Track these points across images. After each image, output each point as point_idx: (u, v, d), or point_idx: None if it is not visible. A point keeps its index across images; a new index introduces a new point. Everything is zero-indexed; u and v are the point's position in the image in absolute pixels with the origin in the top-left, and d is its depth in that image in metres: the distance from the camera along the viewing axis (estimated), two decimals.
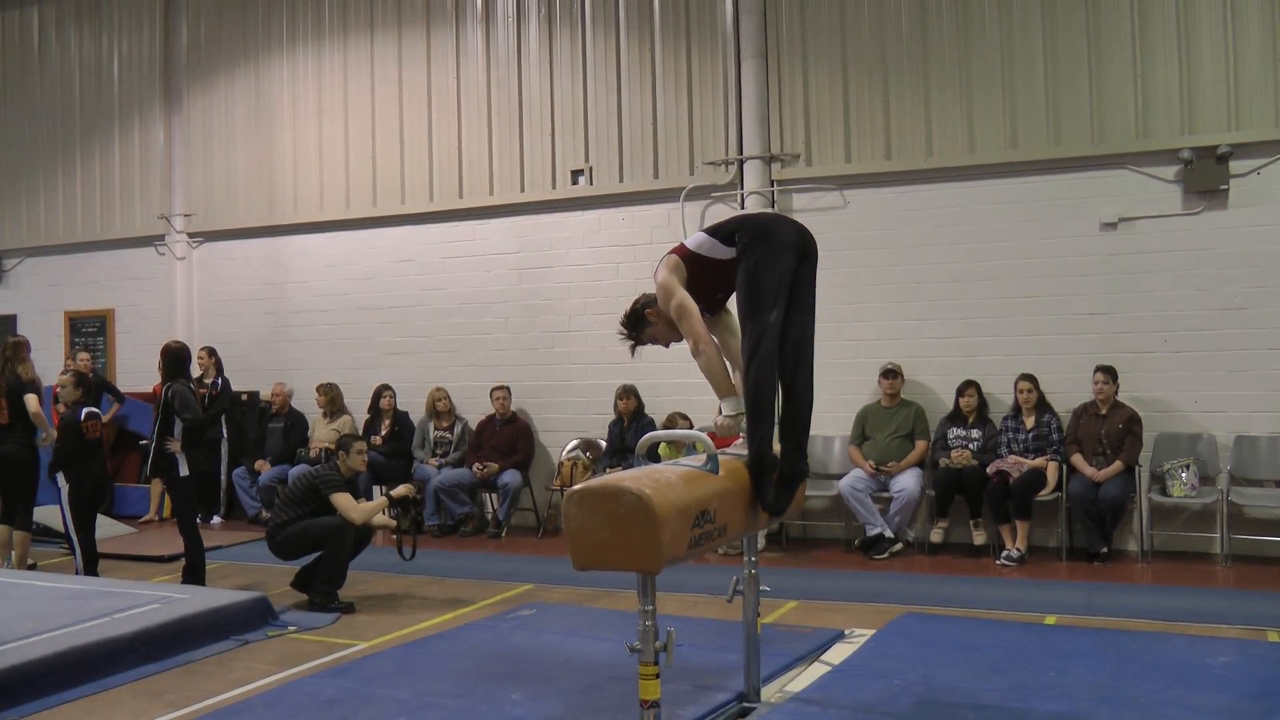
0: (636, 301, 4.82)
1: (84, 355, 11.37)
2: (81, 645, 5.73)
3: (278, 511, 7.63)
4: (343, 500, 7.41)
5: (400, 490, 7.62)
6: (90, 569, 8.07)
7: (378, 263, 11.59)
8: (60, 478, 8.03)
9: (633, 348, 4.89)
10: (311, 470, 7.86)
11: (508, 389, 10.51)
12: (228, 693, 5.46)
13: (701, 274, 4.51)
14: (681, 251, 4.57)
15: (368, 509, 7.55)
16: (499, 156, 10.97)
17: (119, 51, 13.01)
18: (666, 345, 4.89)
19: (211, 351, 11.18)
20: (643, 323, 4.74)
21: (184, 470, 7.75)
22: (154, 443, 7.75)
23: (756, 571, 4.96)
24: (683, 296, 4.43)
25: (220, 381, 11.13)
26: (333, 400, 11.18)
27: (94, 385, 8.85)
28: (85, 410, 8.14)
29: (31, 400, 8.42)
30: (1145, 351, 8.66)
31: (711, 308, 4.65)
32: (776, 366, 4.32)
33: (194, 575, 7.77)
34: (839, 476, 9.20)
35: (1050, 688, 5.15)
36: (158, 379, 8.79)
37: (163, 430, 7.71)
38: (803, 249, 4.44)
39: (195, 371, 10.21)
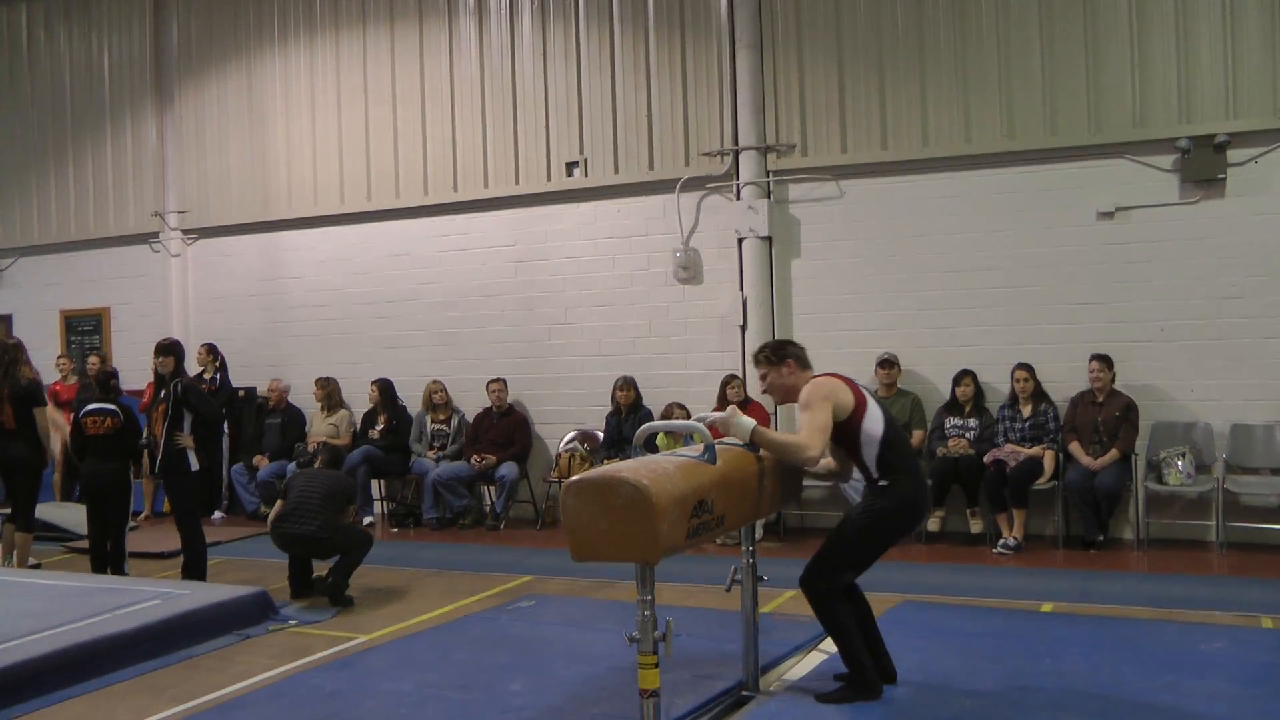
0: (787, 345, 4.94)
1: (94, 359, 11.27)
2: (84, 642, 5.75)
3: (320, 511, 7.20)
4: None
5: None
6: (116, 568, 8.01)
7: (373, 257, 11.57)
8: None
9: (763, 376, 4.95)
10: (344, 479, 7.83)
11: (504, 381, 10.52)
12: (230, 687, 5.48)
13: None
14: (857, 393, 4.77)
15: None
16: (493, 149, 10.95)
17: (109, 48, 12.96)
18: (778, 401, 5.02)
19: (211, 348, 11.16)
20: (781, 360, 4.84)
21: (194, 465, 7.73)
22: (163, 439, 7.67)
23: (755, 561, 4.99)
24: (825, 417, 4.59)
25: (219, 377, 11.15)
26: (330, 394, 11.17)
27: (98, 383, 8.72)
28: (85, 408, 8.11)
29: (43, 412, 8.35)
30: (1142, 340, 8.67)
31: None
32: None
33: (195, 571, 7.77)
34: None
35: (1046, 675, 5.18)
36: (151, 377, 8.77)
37: (172, 426, 7.66)
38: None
39: (193, 368, 10.24)
